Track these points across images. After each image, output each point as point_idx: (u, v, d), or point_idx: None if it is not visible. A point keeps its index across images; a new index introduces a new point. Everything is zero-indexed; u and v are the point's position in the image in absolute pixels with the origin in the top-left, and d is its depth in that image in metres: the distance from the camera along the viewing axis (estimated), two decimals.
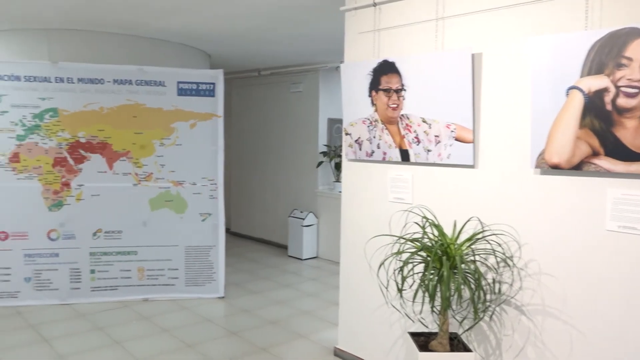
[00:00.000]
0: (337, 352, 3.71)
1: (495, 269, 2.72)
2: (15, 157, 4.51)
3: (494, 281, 2.72)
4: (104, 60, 4.81)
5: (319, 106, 6.71)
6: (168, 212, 4.79)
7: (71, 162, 4.59)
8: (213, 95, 4.76)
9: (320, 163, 6.64)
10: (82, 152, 4.60)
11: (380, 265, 3.03)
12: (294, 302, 4.94)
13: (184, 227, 4.82)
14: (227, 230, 5.13)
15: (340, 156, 6.34)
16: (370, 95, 3.21)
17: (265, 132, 7.57)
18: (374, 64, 3.16)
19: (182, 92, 4.70)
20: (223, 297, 4.95)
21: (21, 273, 4.61)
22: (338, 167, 6.50)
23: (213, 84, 4.75)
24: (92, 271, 4.72)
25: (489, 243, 2.70)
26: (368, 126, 3.26)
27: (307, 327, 4.28)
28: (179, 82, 4.69)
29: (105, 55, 5.04)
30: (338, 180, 6.55)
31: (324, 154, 6.66)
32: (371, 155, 3.30)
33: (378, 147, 3.24)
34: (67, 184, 4.60)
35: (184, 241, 4.84)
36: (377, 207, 3.36)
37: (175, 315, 4.48)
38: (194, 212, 4.83)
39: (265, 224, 7.62)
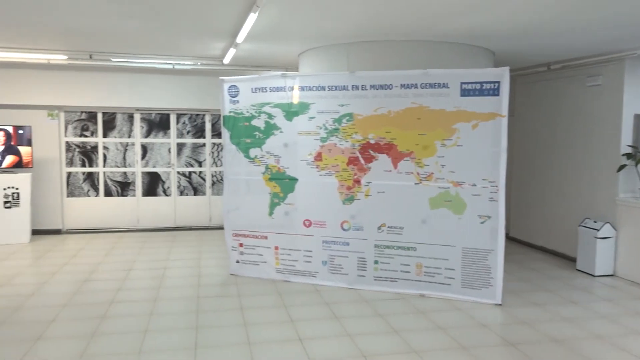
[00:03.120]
0: None
1: None
2: (318, 157, 5.25)
3: None
4: (394, 67, 5.16)
5: (622, 101, 5.77)
6: (447, 212, 4.84)
7: (362, 161, 5.08)
8: (497, 95, 4.59)
9: (622, 167, 5.70)
10: (371, 152, 5.04)
11: None
12: (582, 322, 4.38)
13: (462, 228, 4.80)
14: (506, 235, 4.88)
15: None
16: None
17: (552, 131, 6.92)
18: None
19: (465, 92, 4.68)
20: (500, 305, 4.74)
21: (320, 256, 5.35)
22: None
23: (498, 82, 4.58)
24: (376, 262, 5.14)
25: None
26: None
27: (599, 354, 3.74)
28: (462, 83, 4.68)
29: (395, 62, 5.40)
30: None
31: (628, 156, 5.69)
32: None
33: None
34: (358, 181, 5.12)
35: (461, 242, 4.83)
36: None
37: (449, 315, 4.51)
38: (473, 214, 4.76)
39: (550, 231, 6.97)
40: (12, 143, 7.32)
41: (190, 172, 8.60)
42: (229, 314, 4.52)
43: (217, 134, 8.59)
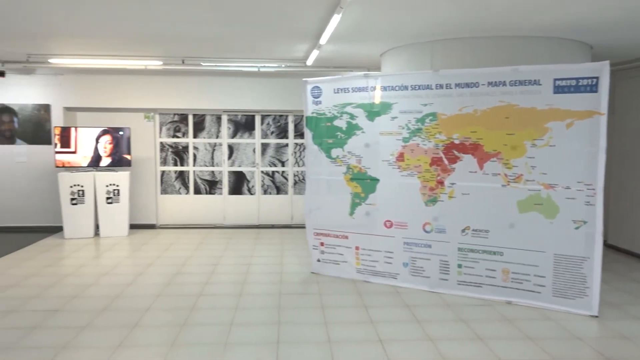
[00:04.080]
0: None
1: None
2: (400, 157, 5.18)
3: None
4: (480, 64, 4.97)
5: None
6: (537, 215, 4.59)
7: (446, 161, 4.95)
8: (595, 91, 4.27)
9: None
10: (455, 152, 4.89)
11: None
12: None
13: (554, 234, 4.52)
14: (604, 242, 4.52)
15: None
16: None
17: None
18: None
19: (558, 89, 4.40)
20: (596, 317, 4.41)
21: (400, 258, 5.28)
22: None
23: (596, 78, 4.26)
24: (459, 265, 4.98)
25: None
26: None
27: None
28: (555, 80, 4.41)
29: (481, 59, 5.22)
30: None
31: None
32: None
33: None
34: (441, 182, 4.99)
35: (553, 248, 4.55)
36: None
37: (539, 325, 4.27)
38: (566, 219, 4.47)
39: None
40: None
41: (273, 172, 8.84)
42: (310, 311, 4.58)
43: (299, 134, 8.76)
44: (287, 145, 8.83)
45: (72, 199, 7.65)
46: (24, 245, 7.15)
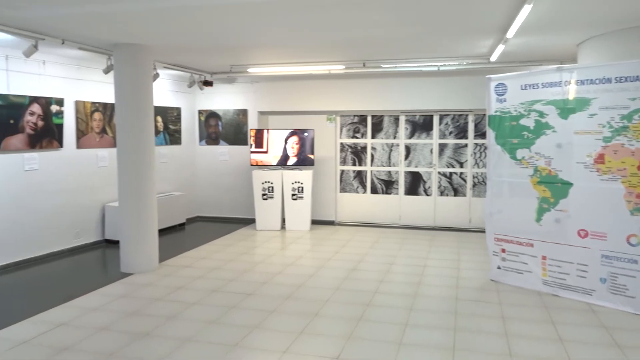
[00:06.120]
0: None
1: None
2: (600, 159, 4.60)
3: None
4: None
5: None
6: None
7: None
8: None
9: None
10: None
11: None
12: None
13: None
14: None
15: None
16: None
17: None
18: None
19: None
20: None
21: (597, 272, 4.69)
22: None
23: None
24: None
25: None
26: None
27: None
28: None
29: None
30: None
31: None
32: None
33: None
34: None
35: None
36: None
37: None
38: None
39: None
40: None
41: (451, 173, 8.60)
42: (489, 321, 4.35)
43: (479, 134, 8.37)
44: (466, 145, 8.50)
45: (263, 195, 8.45)
46: (225, 234, 8.14)
